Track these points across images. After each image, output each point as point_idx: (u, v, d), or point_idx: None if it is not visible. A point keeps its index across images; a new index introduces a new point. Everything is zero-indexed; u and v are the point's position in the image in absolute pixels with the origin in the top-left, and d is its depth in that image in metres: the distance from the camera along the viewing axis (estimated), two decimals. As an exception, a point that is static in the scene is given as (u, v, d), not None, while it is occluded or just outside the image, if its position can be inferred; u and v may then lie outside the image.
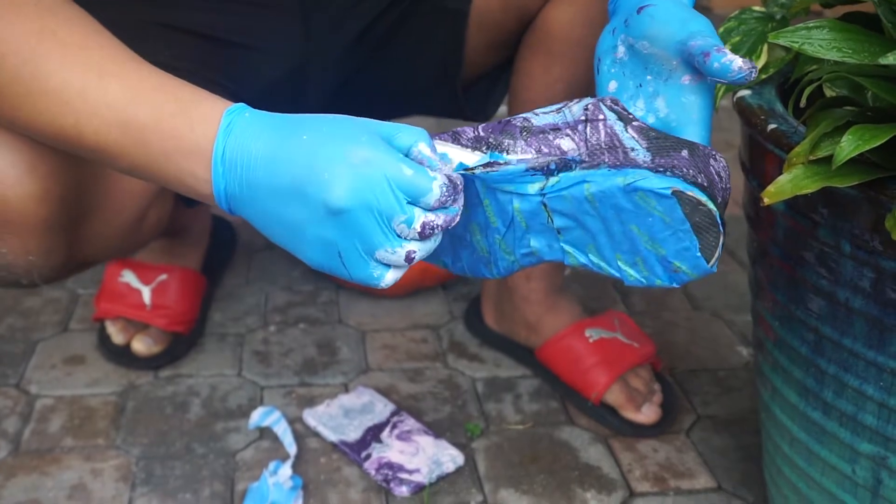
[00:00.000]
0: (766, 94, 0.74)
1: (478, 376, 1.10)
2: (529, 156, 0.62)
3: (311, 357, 1.13)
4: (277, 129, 0.58)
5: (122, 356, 1.10)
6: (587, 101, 0.63)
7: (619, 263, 0.61)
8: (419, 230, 0.57)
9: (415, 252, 0.57)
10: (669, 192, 0.57)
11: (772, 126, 0.68)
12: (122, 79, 0.60)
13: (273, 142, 0.58)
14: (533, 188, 0.61)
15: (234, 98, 0.92)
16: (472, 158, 0.62)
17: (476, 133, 0.63)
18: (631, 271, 0.61)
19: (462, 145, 0.62)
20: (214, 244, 1.25)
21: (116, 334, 1.11)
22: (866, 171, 0.60)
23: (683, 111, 0.63)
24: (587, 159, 0.61)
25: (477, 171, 0.60)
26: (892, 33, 0.63)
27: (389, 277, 0.59)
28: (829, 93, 0.69)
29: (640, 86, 0.64)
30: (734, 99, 0.74)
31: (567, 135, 0.62)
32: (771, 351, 0.76)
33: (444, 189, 0.57)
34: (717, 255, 0.59)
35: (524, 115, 0.63)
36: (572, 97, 0.64)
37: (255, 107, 0.61)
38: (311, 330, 1.18)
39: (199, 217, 1.20)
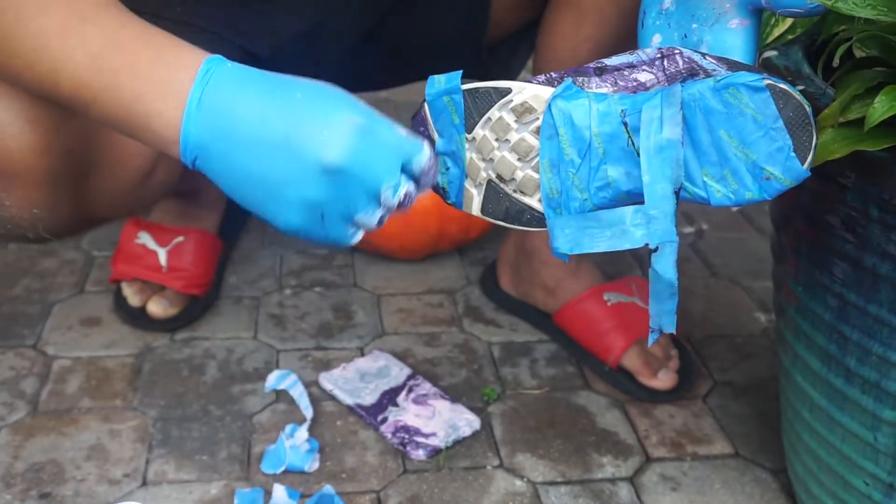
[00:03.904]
0: (793, 54, 0.72)
1: (494, 341, 1.10)
2: (605, 89, 0.61)
3: (327, 321, 1.12)
4: (267, 84, 0.58)
5: (138, 318, 1.10)
6: (659, 46, 0.63)
7: (706, 180, 0.60)
8: (402, 198, 0.59)
9: (385, 218, 0.60)
10: (763, 83, 0.56)
11: (799, 88, 0.67)
12: (102, 26, 0.59)
13: (264, 94, 0.57)
14: (613, 108, 0.60)
15: (249, 56, 0.91)
16: (548, 91, 0.62)
17: (547, 77, 0.63)
18: (718, 187, 0.59)
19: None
20: (231, 207, 1.25)
21: (132, 296, 1.11)
22: (897, 133, 0.59)
23: (726, 55, 0.62)
24: (667, 85, 0.60)
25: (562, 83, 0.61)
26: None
27: (359, 237, 0.61)
28: (858, 53, 0.68)
29: (686, 36, 0.63)
30: (760, 59, 0.72)
31: (644, 70, 0.61)
32: (793, 317, 0.75)
33: (431, 155, 0.59)
34: (811, 156, 0.57)
35: (596, 61, 0.62)
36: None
37: (270, 66, 0.60)
38: (327, 293, 1.18)
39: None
